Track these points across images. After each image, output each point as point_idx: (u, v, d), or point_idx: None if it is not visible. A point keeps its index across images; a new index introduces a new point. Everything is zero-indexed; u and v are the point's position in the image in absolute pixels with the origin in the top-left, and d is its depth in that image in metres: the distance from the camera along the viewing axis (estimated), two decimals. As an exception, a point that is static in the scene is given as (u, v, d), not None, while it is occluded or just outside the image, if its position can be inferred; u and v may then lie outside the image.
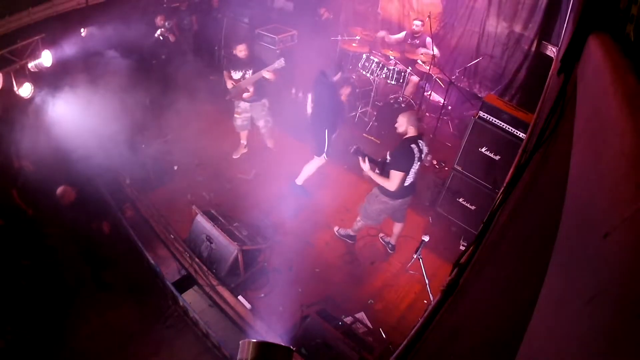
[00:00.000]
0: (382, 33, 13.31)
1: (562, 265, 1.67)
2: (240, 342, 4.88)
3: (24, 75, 8.95)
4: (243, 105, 10.74)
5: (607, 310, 1.09)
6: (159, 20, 12.22)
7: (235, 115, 10.99)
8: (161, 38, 12.25)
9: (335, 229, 9.47)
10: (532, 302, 1.77)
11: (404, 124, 7.73)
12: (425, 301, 8.26)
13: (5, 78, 8.49)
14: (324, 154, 9.62)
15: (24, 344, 7.57)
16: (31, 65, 9.02)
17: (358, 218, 8.82)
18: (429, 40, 12.34)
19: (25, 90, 8.98)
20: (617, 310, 1.04)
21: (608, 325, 1.06)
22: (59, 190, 8.14)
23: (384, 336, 7.90)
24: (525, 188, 3.77)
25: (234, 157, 11.64)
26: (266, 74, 9.84)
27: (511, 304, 2.51)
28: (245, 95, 10.48)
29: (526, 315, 1.76)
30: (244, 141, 11.61)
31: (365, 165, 7.87)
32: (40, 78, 9.39)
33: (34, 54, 8.98)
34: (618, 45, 2.41)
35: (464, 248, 5.72)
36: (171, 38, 12.35)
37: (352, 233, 9.10)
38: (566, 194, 1.98)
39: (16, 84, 8.78)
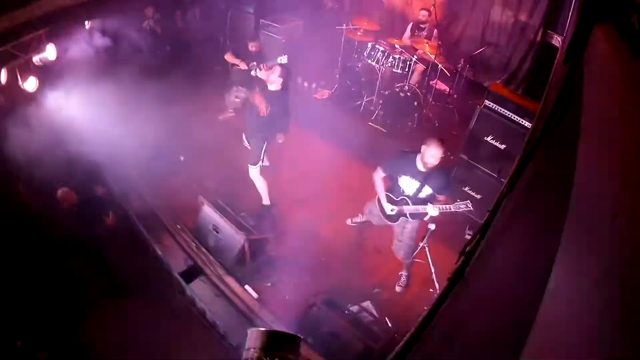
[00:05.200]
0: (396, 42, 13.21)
1: (572, 246, 1.69)
2: (248, 331, 4.90)
3: (28, 69, 8.95)
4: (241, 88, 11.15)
5: (618, 285, 1.11)
6: (148, 10, 12.23)
7: (231, 91, 11.66)
8: (148, 28, 12.27)
9: (398, 288, 8.89)
10: (539, 289, 1.78)
11: (440, 156, 7.19)
12: (431, 290, 8.28)
13: (10, 72, 8.49)
14: (260, 162, 9.38)
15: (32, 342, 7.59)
16: (36, 59, 9.02)
17: (407, 262, 8.48)
18: (436, 33, 12.31)
19: (30, 84, 8.98)
20: (627, 285, 1.06)
21: (619, 300, 1.08)
22: (60, 192, 8.05)
23: (390, 325, 7.92)
24: (531, 177, 3.78)
25: (220, 118, 12.19)
26: (260, 73, 9.82)
27: (518, 291, 2.52)
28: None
29: (533, 303, 1.77)
30: (231, 110, 12.16)
31: (436, 211, 7.46)
32: (45, 72, 9.39)
33: (39, 48, 8.97)
34: (623, 35, 2.42)
35: (470, 237, 5.76)
36: (157, 29, 12.40)
37: (407, 273, 8.73)
38: (575, 179, 2.00)
39: (21, 79, 8.79)
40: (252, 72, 9.11)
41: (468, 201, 7.20)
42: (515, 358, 1.69)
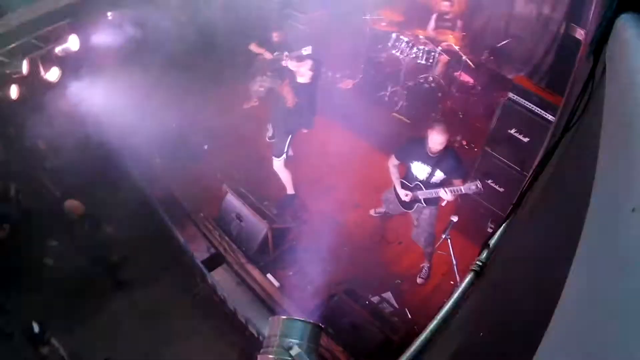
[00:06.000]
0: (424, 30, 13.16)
1: (592, 239, 1.70)
2: (270, 319, 4.93)
3: (51, 59, 9.01)
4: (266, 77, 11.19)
5: (635, 279, 1.13)
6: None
7: (256, 80, 11.75)
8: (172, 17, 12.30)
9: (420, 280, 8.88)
10: (560, 283, 1.79)
11: (445, 141, 7.33)
12: (451, 282, 8.27)
13: (32, 63, 8.56)
14: (284, 155, 9.35)
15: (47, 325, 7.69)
16: (58, 49, 9.07)
17: (428, 250, 8.48)
18: (460, 24, 12.27)
19: (52, 74, 9.05)
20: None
21: (636, 294, 1.10)
22: (67, 204, 8.14)
23: (410, 317, 7.94)
24: (554, 170, 3.78)
25: (244, 107, 12.23)
26: (290, 64, 9.71)
27: (539, 284, 2.53)
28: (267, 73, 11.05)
29: (554, 295, 1.79)
30: (255, 100, 12.21)
31: (449, 194, 7.48)
32: (67, 62, 9.45)
33: (62, 39, 9.03)
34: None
35: (492, 229, 5.73)
36: (182, 18, 12.41)
37: (428, 264, 8.74)
38: (596, 172, 2.01)
39: (43, 69, 8.85)
40: (283, 62, 9.10)
41: (477, 181, 7.25)
42: (533, 351, 1.70)
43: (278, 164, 9.35)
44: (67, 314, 7.95)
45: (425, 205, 7.90)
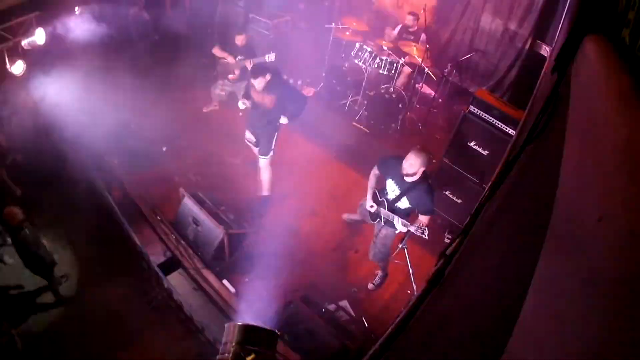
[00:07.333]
0: (390, 31, 13.25)
1: (556, 248, 1.71)
2: (225, 325, 4.91)
3: (17, 53, 8.90)
4: (227, 81, 11.37)
5: (603, 288, 1.14)
6: None
7: (217, 84, 11.72)
8: (136, 15, 12.23)
9: (371, 286, 8.87)
10: (519, 293, 1.80)
11: (416, 166, 7.16)
12: (408, 291, 8.30)
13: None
14: (272, 152, 9.38)
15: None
16: (24, 42, 8.97)
17: (381, 265, 8.57)
18: (424, 37, 12.34)
19: (17, 68, 8.94)
20: (613, 287, 1.09)
21: (605, 302, 1.11)
22: (5, 211, 7.98)
23: (367, 325, 7.94)
24: (513, 183, 3.81)
25: (204, 110, 12.17)
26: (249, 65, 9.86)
27: (497, 295, 2.54)
28: (230, 76, 11.16)
29: (512, 305, 1.79)
30: (215, 104, 12.16)
31: (400, 225, 7.51)
32: (33, 56, 9.35)
33: (28, 32, 8.93)
34: (614, 47, 2.45)
35: (449, 240, 5.72)
36: (145, 16, 12.34)
37: (382, 273, 8.77)
38: (559, 183, 2.02)
39: (9, 62, 8.74)
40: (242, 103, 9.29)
41: (426, 229, 7.24)
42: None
43: (264, 162, 9.42)
44: (20, 316, 7.82)
45: (383, 223, 7.92)
